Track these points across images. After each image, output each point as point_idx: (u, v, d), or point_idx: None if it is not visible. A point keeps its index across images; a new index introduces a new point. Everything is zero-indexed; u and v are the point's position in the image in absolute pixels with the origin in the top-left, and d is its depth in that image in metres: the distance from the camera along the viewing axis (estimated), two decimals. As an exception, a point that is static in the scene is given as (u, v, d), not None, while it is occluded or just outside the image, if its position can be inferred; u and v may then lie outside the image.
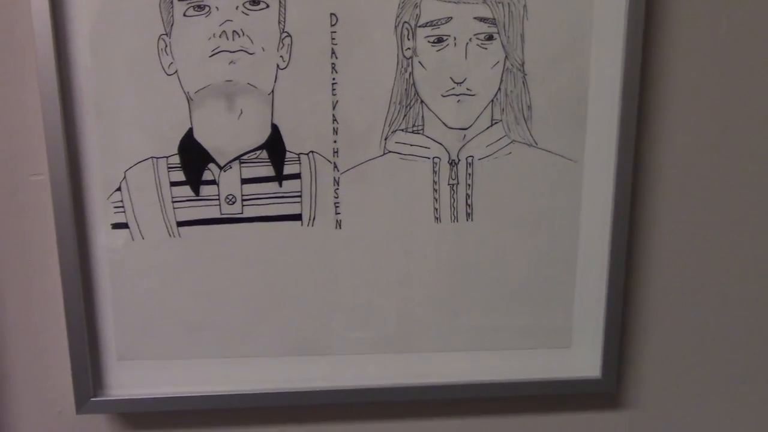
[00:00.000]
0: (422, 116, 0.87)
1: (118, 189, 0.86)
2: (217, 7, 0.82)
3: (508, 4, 0.85)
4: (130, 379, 0.92)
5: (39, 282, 0.90)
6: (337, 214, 0.89)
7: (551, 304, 0.94)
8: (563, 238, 0.92)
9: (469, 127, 0.88)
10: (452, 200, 0.90)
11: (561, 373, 0.95)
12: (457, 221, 0.90)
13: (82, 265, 0.87)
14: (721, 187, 0.92)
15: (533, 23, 0.86)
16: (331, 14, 0.84)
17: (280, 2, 0.83)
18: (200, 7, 0.82)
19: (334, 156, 0.87)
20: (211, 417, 0.95)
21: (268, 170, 0.87)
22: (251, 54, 0.84)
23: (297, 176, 0.87)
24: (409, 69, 0.86)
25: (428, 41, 0.86)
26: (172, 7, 0.82)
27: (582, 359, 0.95)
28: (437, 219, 0.90)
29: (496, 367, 0.95)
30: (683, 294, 0.96)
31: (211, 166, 0.86)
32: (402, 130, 0.87)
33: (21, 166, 0.88)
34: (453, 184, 0.89)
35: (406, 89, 0.86)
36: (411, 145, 0.88)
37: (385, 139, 0.87)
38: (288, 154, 0.87)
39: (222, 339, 0.91)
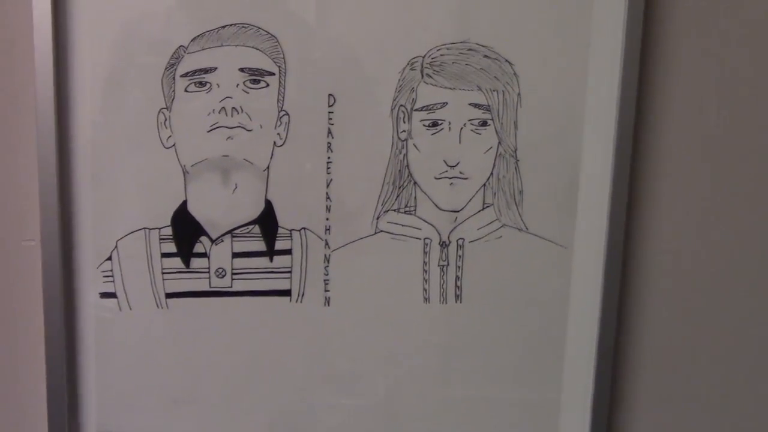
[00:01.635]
0: (415, 197, 0.88)
1: (109, 258, 0.86)
2: (218, 84, 0.84)
3: (503, 91, 0.87)
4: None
5: (22, 348, 0.89)
6: (326, 291, 0.89)
7: (538, 385, 0.93)
8: (551, 321, 0.92)
9: (461, 209, 0.89)
10: (442, 281, 0.90)
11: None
12: (446, 302, 0.91)
13: (67, 332, 0.87)
14: (711, 271, 0.93)
15: (526, 110, 0.88)
16: (329, 95, 0.85)
17: (279, 82, 0.84)
18: (202, 84, 0.84)
19: (326, 233, 0.88)
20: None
21: (259, 245, 0.87)
22: (249, 131, 0.85)
23: (288, 252, 0.88)
24: (404, 151, 0.87)
25: (423, 125, 0.87)
26: (174, 82, 0.83)
27: (569, 447, 0.94)
28: (426, 299, 0.90)
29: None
30: (675, 380, 0.95)
31: (203, 238, 0.87)
32: (394, 210, 0.88)
33: (14, 231, 0.87)
34: (443, 266, 0.90)
35: (399, 170, 0.87)
36: (403, 226, 0.89)
37: (377, 218, 0.88)
38: (280, 230, 0.87)
39: (206, 415, 0.90)
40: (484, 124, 0.88)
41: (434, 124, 0.87)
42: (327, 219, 0.87)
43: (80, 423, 0.89)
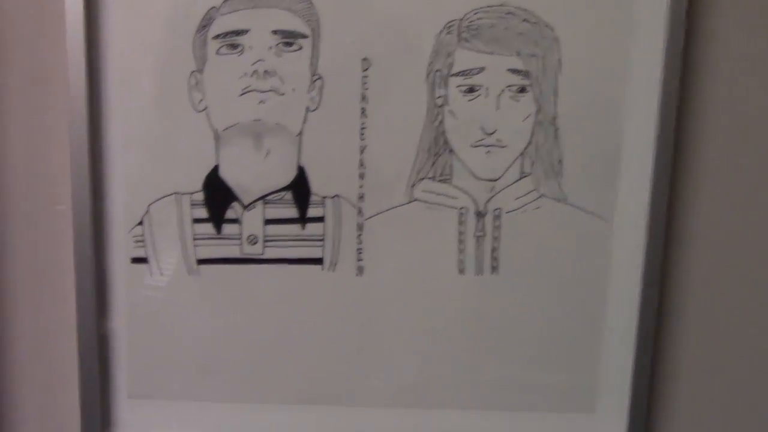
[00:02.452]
0: (450, 165, 0.86)
1: (140, 223, 0.85)
2: (250, 47, 0.82)
3: (543, 57, 0.84)
4: (140, 418, 0.89)
5: (54, 313, 0.89)
6: (359, 260, 0.87)
7: (575, 364, 0.90)
8: (590, 296, 0.89)
9: (498, 178, 0.86)
10: (477, 252, 0.87)
11: (583, 440, 0.91)
12: (482, 274, 0.88)
13: (98, 298, 0.85)
14: (758, 249, 0.89)
15: (567, 76, 0.84)
16: (364, 59, 0.83)
17: (313, 45, 0.82)
18: (234, 46, 0.82)
19: (359, 201, 0.86)
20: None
21: (291, 212, 0.86)
22: (281, 95, 0.83)
23: (320, 219, 0.86)
24: (440, 117, 0.85)
25: (460, 91, 0.85)
26: (206, 44, 0.82)
27: (606, 425, 0.91)
28: (461, 270, 0.88)
29: (515, 429, 0.91)
30: (716, 359, 0.92)
31: (235, 204, 0.85)
32: (429, 178, 0.86)
33: (45, 196, 0.87)
34: (479, 236, 0.87)
35: (435, 137, 0.85)
36: (438, 194, 0.86)
37: (412, 186, 0.86)
38: (313, 197, 0.85)
39: (235, 383, 0.89)
40: (522, 90, 0.85)
41: (471, 90, 0.85)
42: (360, 186, 0.86)
43: (111, 388, 0.88)
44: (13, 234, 0.88)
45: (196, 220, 0.86)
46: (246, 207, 0.85)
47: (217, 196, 0.85)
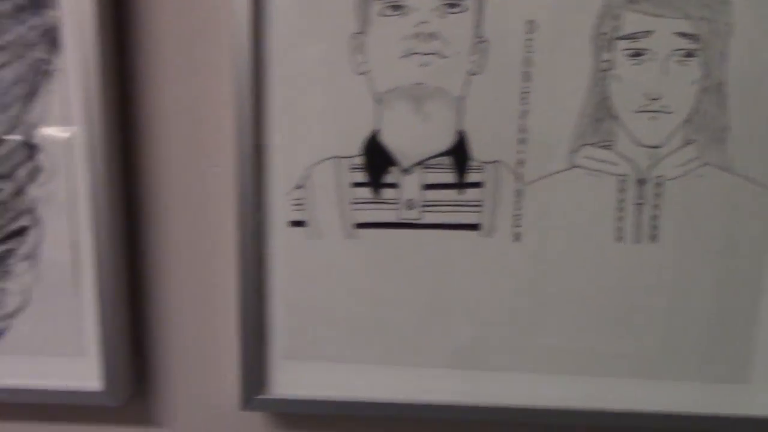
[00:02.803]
0: (613, 131, 0.84)
1: (299, 187, 0.85)
2: (414, 8, 0.81)
3: (712, 20, 0.80)
4: (294, 378, 0.91)
5: (213, 274, 0.90)
6: (516, 226, 0.86)
7: (731, 334, 0.88)
8: (750, 269, 0.87)
9: (661, 145, 0.84)
10: (637, 220, 0.86)
11: (738, 410, 0.90)
12: (640, 242, 0.86)
13: (258, 260, 0.86)
14: None
15: (737, 41, 0.81)
16: (529, 21, 0.81)
17: (478, 7, 0.80)
18: (397, 7, 0.81)
19: (518, 167, 0.84)
20: (368, 424, 0.93)
21: (450, 177, 0.85)
22: (444, 58, 0.82)
23: (479, 185, 0.85)
24: (604, 82, 0.82)
25: (626, 54, 0.82)
26: (368, 5, 0.81)
27: (762, 396, 0.89)
28: (619, 239, 0.86)
29: (668, 398, 0.90)
30: None
31: (394, 169, 0.85)
32: (591, 144, 0.84)
33: (202, 158, 0.87)
34: (639, 204, 0.85)
35: (598, 103, 0.83)
36: (599, 161, 0.84)
37: (573, 152, 0.84)
38: (472, 162, 0.84)
39: (388, 345, 0.90)
40: (690, 55, 0.82)
41: (637, 53, 0.82)
42: (520, 152, 0.84)
43: (267, 349, 0.89)
44: (171, 194, 0.88)
45: (355, 184, 0.85)
46: (404, 171, 0.85)
47: (376, 160, 0.85)
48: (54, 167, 0.86)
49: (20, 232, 0.87)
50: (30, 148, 0.85)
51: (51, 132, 0.85)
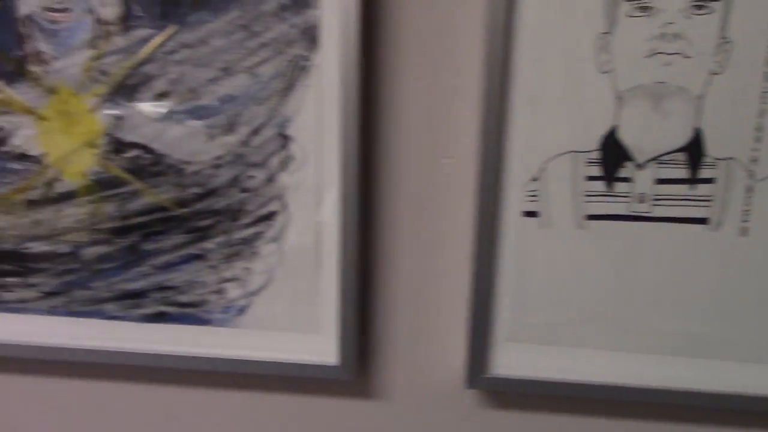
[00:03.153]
0: None
1: (535, 179, 0.89)
2: (661, 9, 0.83)
3: None
4: (518, 361, 0.96)
5: (444, 259, 0.95)
6: (744, 221, 0.89)
7: None
8: None
9: None
10: None
11: None
12: None
13: (490, 246, 0.91)
14: None
15: None
16: (774, 23, 0.83)
17: (725, 8, 0.83)
18: (645, 8, 0.84)
19: (751, 164, 0.87)
20: (585, 405, 0.98)
21: (682, 172, 0.88)
22: (687, 57, 0.85)
23: (711, 181, 0.88)
24: (843, 82, 0.84)
25: None
26: (617, 6, 0.84)
27: None
28: (844, 235, 0.89)
29: None
30: None
31: (628, 164, 0.88)
32: (825, 143, 0.86)
33: (438, 149, 0.92)
34: None
35: (835, 103, 0.85)
36: (833, 160, 0.87)
37: (808, 150, 0.87)
38: (706, 159, 0.87)
39: (613, 331, 0.94)
40: None
41: None
42: (755, 150, 0.87)
43: (493, 331, 0.94)
44: (407, 182, 0.93)
45: (589, 178, 0.89)
46: (638, 166, 0.88)
47: (613, 155, 0.88)
48: (305, 157, 0.91)
49: (269, 216, 0.93)
50: (284, 139, 0.90)
51: (304, 124, 0.90)
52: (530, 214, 0.92)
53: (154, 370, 1.01)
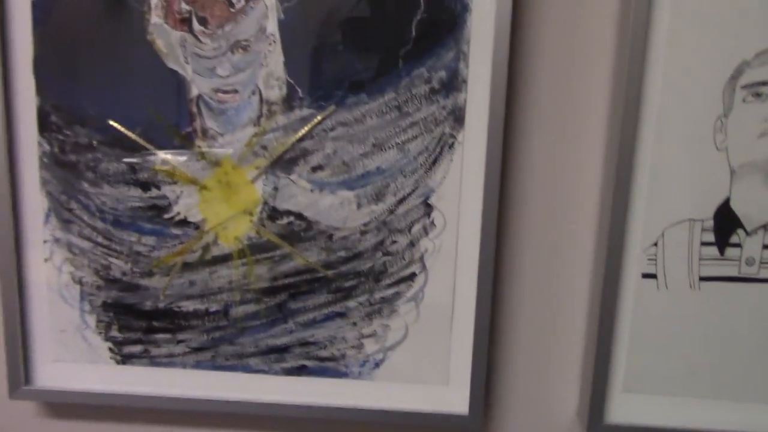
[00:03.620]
0: None
1: (654, 244, 0.99)
2: (772, 95, 0.94)
3: None
4: (632, 410, 1.05)
5: (563, 316, 1.04)
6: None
7: None
8: None
9: None
10: None
11: None
12: None
13: (611, 306, 1.00)
14: None
15: None
16: None
17: (829, 94, 0.93)
18: (758, 95, 0.94)
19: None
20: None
21: (784, 239, 0.98)
22: (791, 136, 0.95)
23: (812, 246, 0.98)
24: None
25: None
26: (734, 93, 0.94)
27: None
28: None
29: None
30: None
31: (739, 231, 0.98)
32: None
33: (561, 216, 1.02)
34: None
35: None
36: None
37: None
38: (809, 227, 0.98)
39: (720, 382, 1.03)
40: None
41: None
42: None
43: (609, 382, 1.04)
44: (531, 248, 1.03)
45: (703, 243, 0.99)
46: (748, 233, 0.98)
47: (725, 223, 0.98)
48: (446, 224, 1.00)
49: (409, 277, 1.01)
50: (427, 207, 0.99)
51: (447, 194, 0.99)
52: (649, 275, 1.01)
53: (293, 420, 1.09)
